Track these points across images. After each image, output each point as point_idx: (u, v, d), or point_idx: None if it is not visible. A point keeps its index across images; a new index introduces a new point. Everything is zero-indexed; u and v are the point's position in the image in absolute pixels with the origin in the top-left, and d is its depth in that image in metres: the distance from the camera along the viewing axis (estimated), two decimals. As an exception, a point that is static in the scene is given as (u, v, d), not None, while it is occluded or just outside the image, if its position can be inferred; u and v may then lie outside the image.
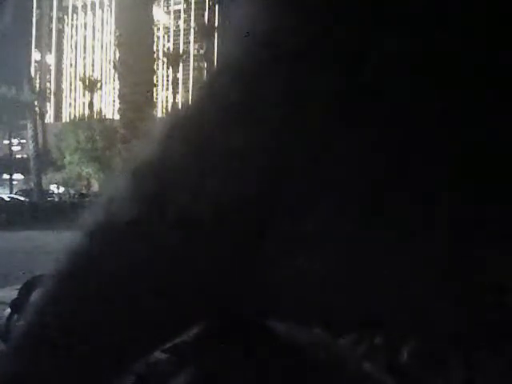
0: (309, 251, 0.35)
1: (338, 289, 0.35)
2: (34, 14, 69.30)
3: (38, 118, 30.62)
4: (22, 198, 23.03)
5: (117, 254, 0.37)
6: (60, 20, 75.74)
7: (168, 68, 51.39)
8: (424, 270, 0.34)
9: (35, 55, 71.91)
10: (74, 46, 75.48)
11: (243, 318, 0.38)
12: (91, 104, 37.82)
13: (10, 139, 36.42)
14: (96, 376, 0.39)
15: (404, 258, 0.34)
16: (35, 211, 18.64)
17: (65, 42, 76.16)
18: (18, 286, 0.83)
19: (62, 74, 75.38)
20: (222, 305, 0.37)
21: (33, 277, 0.77)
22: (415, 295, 0.35)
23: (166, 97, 62.34)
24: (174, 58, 47.57)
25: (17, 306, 0.81)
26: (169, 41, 71.78)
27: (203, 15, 69.68)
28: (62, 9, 75.93)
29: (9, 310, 0.85)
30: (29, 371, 0.39)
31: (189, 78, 64.82)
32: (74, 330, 0.38)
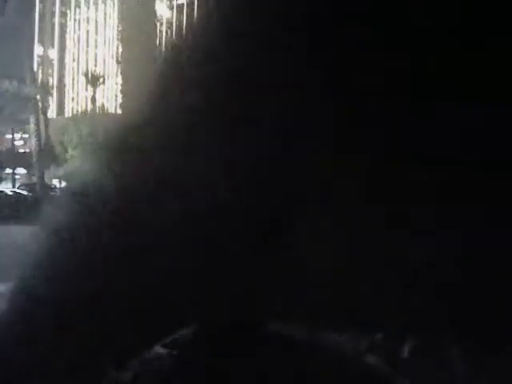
0: (308, 250, 0.34)
1: (338, 288, 0.35)
2: (37, 9, 69.23)
3: (40, 112, 30.60)
4: (25, 193, 23.06)
5: (115, 253, 0.36)
6: (63, 14, 75.68)
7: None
8: (424, 269, 0.34)
9: (38, 50, 71.90)
10: (76, 41, 75.43)
11: (243, 318, 0.38)
12: (94, 98, 37.77)
13: (12, 134, 36.43)
14: (92, 374, 0.38)
15: (404, 258, 0.34)
16: (38, 206, 18.61)
17: (67, 36, 76.12)
18: (20, 280, 0.81)
19: (64, 69, 75.38)
20: (221, 304, 0.37)
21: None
22: (415, 294, 0.35)
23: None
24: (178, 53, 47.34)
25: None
26: (172, 35, 71.54)
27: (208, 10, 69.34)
28: (65, 3, 75.83)
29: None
30: (23, 371, 0.38)
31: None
32: (70, 329, 0.37)
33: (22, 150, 40.10)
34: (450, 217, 0.33)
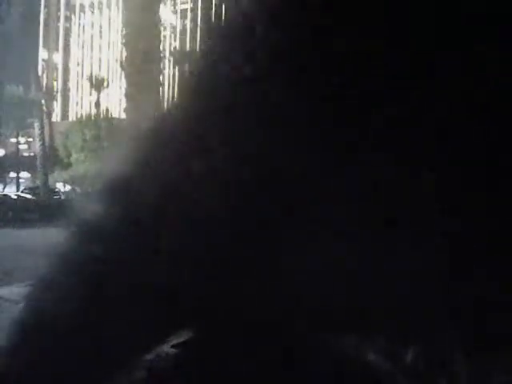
0: (307, 251, 0.34)
1: (339, 288, 0.35)
2: (42, 13, 69.49)
3: (45, 116, 30.71)
4: (29, 196, 23.11)
5: (116, 253, 0.37)
6: (67, 19, 75.95)
7: (174, 67, 51.33)
8: (425, 270, 0.34)
9: (42, 54, 72.11)
10: (81, 45, 75.63)
11: (244, 318, 0.38)
12: (98, 103, 37.88)
13: (17, 137, 36.52)
14: (94, 374, 0.39)
15: (405, 259, 0.34)
16: (41, 209, 18.68)
17: (72, 40, 76.35)
18: (23, 284, 0.84)
19: (69, 73, 75.55)
20: (221, 305, 0.37)
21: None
22: (416, 296, 0.34)
23: (173, 96, 62.28)
24: (181, 58, 47.57)
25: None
26: (175, 40, 71.81)
27: (210, 14, 69.63)
28: (70, 8, 76.12)
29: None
30: (28, 372, 0.39)
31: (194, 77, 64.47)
32: (73, 328, 0.38)
33: (26, 154, 40.19)
34: (452, 220, 0.32)
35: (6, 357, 0.40)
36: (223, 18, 0.37)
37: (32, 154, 34.36)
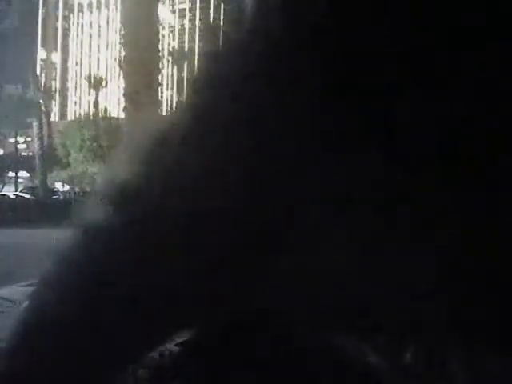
0: (307, 251, 0.34)
1: (338, 288, 0.35)
2: (40, 13, 69.41)
3: (43, 116, 30.65)
4: (28, 196, 23.10)
5: (116, 253, 0.37)
6: (66, 18, 75.86)
7: (173, 67, 51.33)
8: (424, 269, 0.33)
9: (41, 54, 72.03)
10: (79, 45, 75.55)
11: (244, 318, 0.38)
12: (96, 102, 37.88)
13: (15, 137, 36.50)
14: (95, 375, 0.39)
15: (405, 259, 0.34)
16: (40, 209, 18.68)
17: (70, 40, 76.27)
18: (23, 283, 0.84)
19: (67, 73, 75.47)
20: (222, 305, 0.37)
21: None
22: (416, 295, 0.34)
23: (171, 95, 62.39)
24: (179, 57, 47.57)
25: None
26: (174, 39, 71.79)
27: (208, 14, 69.64)
28: (68, 7, 76.03)
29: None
30: (29, 372, 0.39)
31: (194, 77, 64.48)
32: (74, 328, 0.38)
33: (25, 154, 40.12)
34: (452, 220, 0.32)
35: (7, 357, 0.40)
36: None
37: (31, 154, 34.30)
